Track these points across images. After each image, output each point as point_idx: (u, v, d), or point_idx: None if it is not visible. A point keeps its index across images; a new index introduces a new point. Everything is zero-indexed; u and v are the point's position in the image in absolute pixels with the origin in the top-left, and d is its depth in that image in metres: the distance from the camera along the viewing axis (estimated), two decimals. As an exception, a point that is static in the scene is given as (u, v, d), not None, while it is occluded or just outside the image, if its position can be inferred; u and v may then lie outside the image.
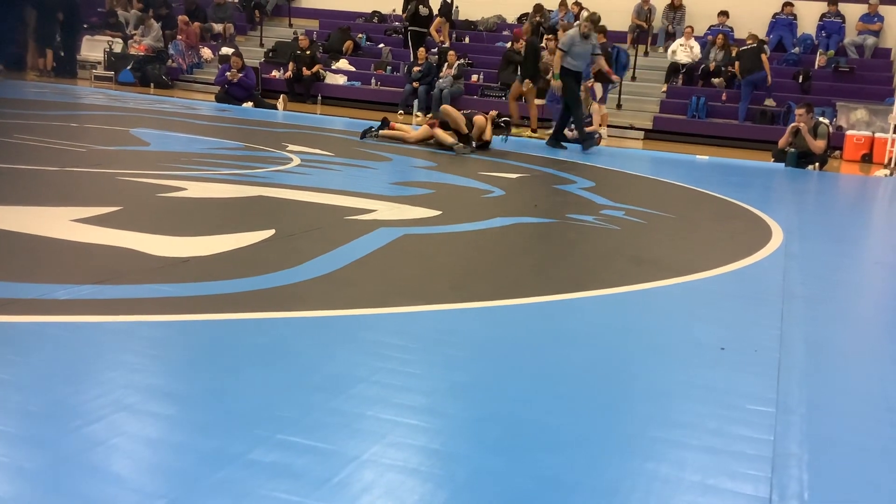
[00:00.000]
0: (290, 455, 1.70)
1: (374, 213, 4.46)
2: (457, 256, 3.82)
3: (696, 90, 14.35)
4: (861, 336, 3.19)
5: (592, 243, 4.37)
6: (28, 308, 2.49)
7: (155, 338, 2.34)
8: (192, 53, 16.71)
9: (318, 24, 18.30)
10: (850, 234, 5.86)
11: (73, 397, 1.89)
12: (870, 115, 12.92)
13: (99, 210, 3.91)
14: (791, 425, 2.09)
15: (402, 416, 1.93)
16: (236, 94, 12.99)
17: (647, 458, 1.84)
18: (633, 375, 2.40)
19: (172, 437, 1.75)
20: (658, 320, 3.03)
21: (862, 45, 15.24)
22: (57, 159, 5.50)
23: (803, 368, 2.55)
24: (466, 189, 5.93)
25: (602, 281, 3.54)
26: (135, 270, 2.98)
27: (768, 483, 1.77)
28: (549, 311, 3.00)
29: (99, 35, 16.88)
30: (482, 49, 16.61)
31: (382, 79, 15.70)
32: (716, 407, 2.17)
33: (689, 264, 3.97)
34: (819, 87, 14.35)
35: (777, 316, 3.11)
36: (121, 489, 1.53)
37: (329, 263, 3.31)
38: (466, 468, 1.72)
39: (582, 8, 16.57)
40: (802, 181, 8.82)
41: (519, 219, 4.82)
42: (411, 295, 3.02)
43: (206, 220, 4.10)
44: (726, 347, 2.68)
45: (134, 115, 9.84)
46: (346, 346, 2.39)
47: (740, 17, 15.94)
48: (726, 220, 5.64)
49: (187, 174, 5.30)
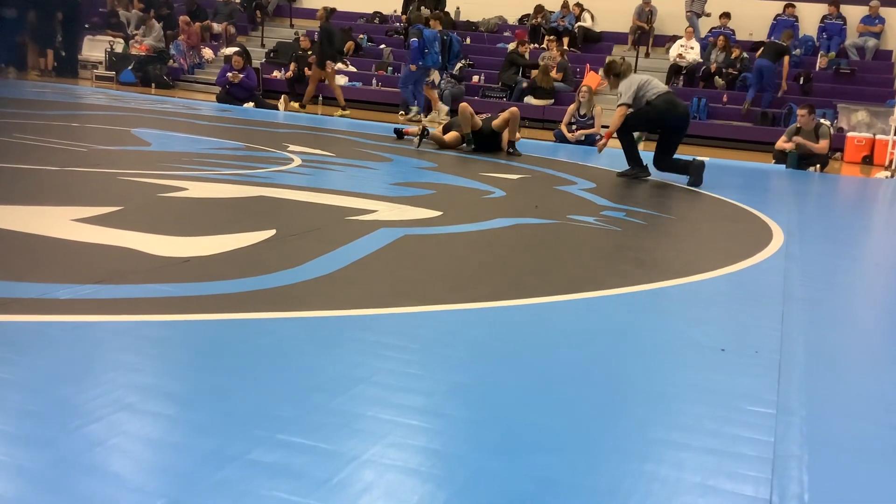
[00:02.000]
0: (290, 455, 1.70)
1: (374, 214, 4.46)
2: (457, 257, 3.82)
3: (697, 91, 14.36)
4: (861, 338, 3.19)
5: (593, 244, 4.37)
6: (28, 307, 2.49)
7: (155, 338, 2.34)
8: (194, 54, 16.72)
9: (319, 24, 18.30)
10: (850, 235, 5.86)
11: (73, 397, 1.89)
12: (871, 116, 12.92)
13: (100, 210, 3.91)
14: (791, 427, 2.09)
15: (401, 417, 1.93)
16: (237, 94, 13.00)
17: (647, 460, 1.84)
18: (632, 377, 2.40)
19: (172, 436, 1.75)
20: (658, 321, 3.03)
21: (863, 47, 15.24)
22: (58, 159, 5.51)
23: (804, 370, 2.55)
24: (467, 190, 5.93)
25: (603, 282, 3.54)
26: (135, 270, 2.98)
27: (768, 484, 1.77)
28: (549, 313, 3.00)
29: (100, 35, 16.89)
30: (483, 50, 16.62)
31: (383, 80, 15.71)
32: (716, 408, 2.17)
33: (690, 266, 3.97)
34: (820, 88, 14.35)
35: (777, 317, 3.11)
36: (121, 489, 1.53)
37: (329, 264, 3.31)
38: (466, 469, 1.72)
39: (583, 10, 16.59)
40: (803, 183, 8.82)
41: (520, 220, 4.82)
42: (412, 295, 3.02)
43: (206, 220, 4.11)
44: (726, 349, 2.68)
45: (135, 115, 9.84)
46: (346, 347, 2.39)
47: (742, 18, 15.95)
48: (727, 221, 5.64)
49: (188, 174, 5.30)
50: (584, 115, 11.01)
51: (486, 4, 17.60)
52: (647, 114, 7.41)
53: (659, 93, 7.36)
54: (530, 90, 14.35)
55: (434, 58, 12.89)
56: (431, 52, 12.81)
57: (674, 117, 7.40)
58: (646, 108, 7.37)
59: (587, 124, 10.98)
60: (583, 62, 15.17)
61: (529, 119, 14.06)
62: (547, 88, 14.26)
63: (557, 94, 14.33)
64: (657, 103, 7.32)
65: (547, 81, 14.25)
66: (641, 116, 7.46)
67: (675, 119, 7.41)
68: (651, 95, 7.34)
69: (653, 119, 7.48)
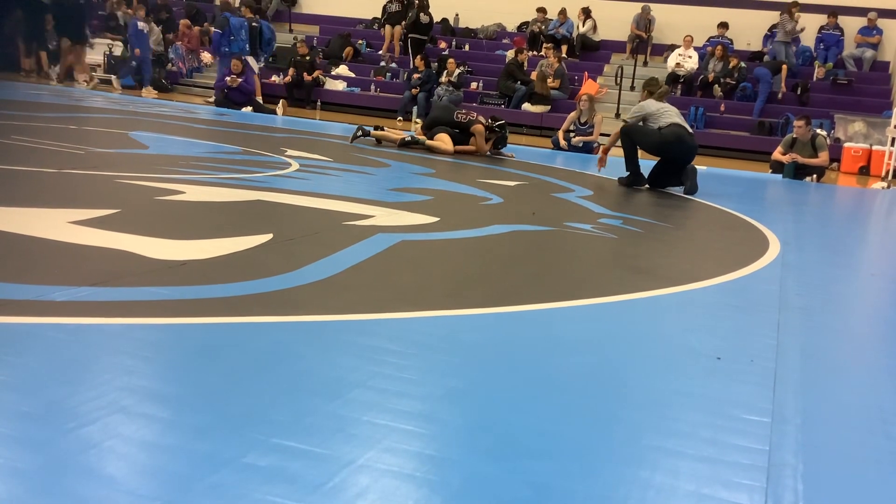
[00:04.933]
0: (285, 459, 1.70)
1: (372, 219, 4.46)
2: (454, 263, 3.82)
3: (695, 100, 14.40)
4: (857, 347, 3.20)
5: (590, 252, 4.38)
6: (24, 309, 2.48)
7: (151, 340, 2.34)
8: (193, 57, 16.73)
9: (318, 29, 18.34)
10: (846, 245, 5.87)
11: (68, 399, 1.89)
12: (868, 127, 12.96)
13: (97, 212, 3.91)
14: (786, 435, 2.09)
15: (397, 422, 1.93)
16: (236, 98, 13.00)
17: (642, 467, 1.84)
18: (628, 384, 2.40)
19: (167, 439, 1.75)
20: (654, 329, 3.03)
21: (860, 58, 15.30)
22: (55, 161, 5.50)
23: (799, 379, 2.56)
24: (465, 196, 5.94)
25: (599, 289, 3.55)
26: (132, 273, 2.98)
27: (763, 493, 1.77)
28: (545, 319, 3.00)
29: (99, 38, 16.89)
30: (482, 57, 16.65)
31: (382, 85, 15.73)
32: (711, 416, 2.17)
33: (686, 274, 3.98)
34: (817, 99, 14.40)
35: (773, 326, 3.12)
36: (115, 491, 1.52)
37: (326, 268, 3.31)
38: (461, 474, 1.72)
39: (588, 17, 16.60)
40: (799, 193, 8.84)
41: (517, 226, 4.82)
42: (408, 301, 3.02)
43: (203, 223, 4.10)
44: (722, 357, 2.68)
45: (133, 118, 9.84)
46: (342, 351, 2.38)
47: (739, 28, 16.01)
48: (723, 230, 5.65)
49: (185, 178, 5.30)
50: (584, 123, 11.04)
51: (485, 11, 17.65)
52: (652, 136, 7.43)
53: (670, 122, 7.37)
54: (528, 97, 14.38)
55: (240, 45, 13.40)
56: (238, 40, 13.32)
57: (678, 151, 7.40)
58: (655, 131, 7.40)
59: (587, 132, 11.01)
60: (581, 70, 15.21)
61: (527, 126, 14.10)
62: (545, 96, 14.29)
63: (555, 101, 14.36)
64: (666, 133, 7.35)
65: (545, 89, 14.28)
66: (647, 136, 7.48)
67: (680, 153, 7.42)
68: (663, 123, 7.38)
69: (656, 143, 7.47)
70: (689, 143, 7.49)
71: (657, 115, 7.42)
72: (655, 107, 7.53)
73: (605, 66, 16.07)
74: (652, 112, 7.46)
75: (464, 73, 15.12)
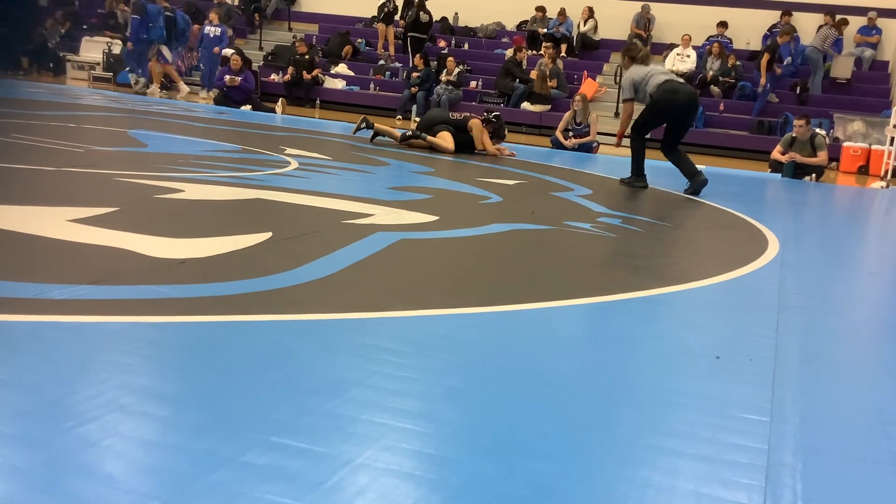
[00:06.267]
0: (284, 458, 1.70)
1: (371, 218, 4.46)
2: (453, 262, 3.82)
3: (694, 100, 14.38)
4: (855, 347, 3.20)
5: (589, 251, 4.38)
6: (23, 307, 2.48)
7: (150, 339, 2.34)
8: (191, 56, 16.70)
9: (317, 28, 18.34)
10: (845, 245, 5.87)
11: (67, 397, 1.88)
12: (867, 126, 12.97)
13: (96, 210, 3.91)
14: (785, 435, 2.10)
15: (396, 421, 1.93)
16: (235, 96, 12.99)
17: (641, 466, 1.84)
18: (627, 383, 2.40)
19: (166, 438, 1.75)
20: (653, 328, 3.03)
21: (860, 58, 15.29)
22: (54, 159, 5.50)
23: (798, 378, 2.56)
24: (464, 195, 5.93)
25: (598, 288, 3.55)
26: (131, 271, 2.98)
27: (762, 492, 1.78)
28: (544, 318, 3.00)
29: (98, 36, 16.87)
30: (481, 56, 16.65)
31: (381, 84, 15.73)
32: (710, 416, 2.17)
33: (685, 273, 3.98)
34: (816, 98, 14.40)
35: (772, 325, 3.12)
36: (114, 490, 1.52)
37: (326, 267, 3.31)
38: (460, 473, 1.72)
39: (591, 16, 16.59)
40: (799, 192, 8.84)
41: (516, 225, 4.82)
42: (408, 299, 3.02)
43: (203, 222, 4.10)
44: (721, 356, 2.68)
45: (132, 116, 9.83)
46: (341, 350, 2.38)
47: (738, 27, 16.02)
48: (722, 229, 5.65)
49: (185, 176, 5.30)
50: (579, 123, 11.04)
51: (484, 10, 17.65)
52: (650, 108, 7.30)
53: (658, 83, 7.18)
54: (527, 96, 14.38)
55: (158, 32, 13.54)
56: (156, 27, 13.48)
57: (676, 104, 7.21)
58: (649, 102, 7.26)
59: (583, 132, 11.00)
60: (580, 69, 15.21)
61: (526, 125, 14.10)
62: (543, 95, 14.29)
63: (554, 100, 14.36)
64: (657, 96, 7.18)
65: (544, 88, 14.28)
66: (647, 113, 7.36)
67: (678, 106, 7.22)
68: (651, 88, 7.20)
69: (657, 113, 7.31)
70: (685, 91, 7.32)
71: (647, 80, 7.22)
72: (643, 72, 7.31)
73: (604, 66, 16.07)
74: (641, 78, 7.26)
75: (463, 72, 15.12)
